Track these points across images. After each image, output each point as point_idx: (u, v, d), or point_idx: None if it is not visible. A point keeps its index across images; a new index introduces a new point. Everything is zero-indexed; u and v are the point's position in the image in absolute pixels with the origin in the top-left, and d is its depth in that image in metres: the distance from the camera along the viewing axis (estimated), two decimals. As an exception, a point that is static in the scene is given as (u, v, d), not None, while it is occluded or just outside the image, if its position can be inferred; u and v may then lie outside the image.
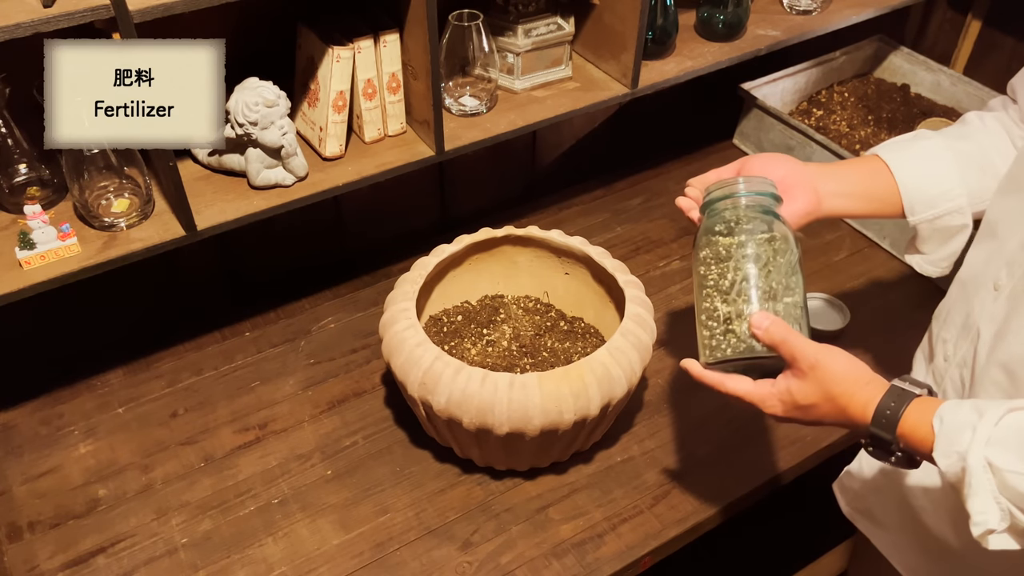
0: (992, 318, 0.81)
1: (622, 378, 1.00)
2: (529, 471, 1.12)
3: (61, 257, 0.99)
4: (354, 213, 1.43)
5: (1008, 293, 0.79)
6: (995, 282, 0.82)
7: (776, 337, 0.78)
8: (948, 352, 0.88)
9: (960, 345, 0.86)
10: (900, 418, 0.72)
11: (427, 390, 0.98)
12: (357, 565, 1.02)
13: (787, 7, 1.49)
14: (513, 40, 1.24)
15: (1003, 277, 0.81)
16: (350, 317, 1.35)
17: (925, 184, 0.90)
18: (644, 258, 1.47)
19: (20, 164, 1.06)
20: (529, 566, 1.02)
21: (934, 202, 0.90)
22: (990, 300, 0.82)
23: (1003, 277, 0.81)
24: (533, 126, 1.23)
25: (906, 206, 0.91)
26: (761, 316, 0.79)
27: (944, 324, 0.90)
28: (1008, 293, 0.79)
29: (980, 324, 0.82)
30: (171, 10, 0.86)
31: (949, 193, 0.90)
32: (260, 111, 1.03)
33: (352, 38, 1.09)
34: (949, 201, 0.90)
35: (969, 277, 0.87)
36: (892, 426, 0.73)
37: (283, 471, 1.13)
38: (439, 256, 1.14)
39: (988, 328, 0.81)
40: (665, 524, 1.07)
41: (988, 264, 0.84)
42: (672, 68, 1.34)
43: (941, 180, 0.90)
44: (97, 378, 1.25)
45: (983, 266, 0.85)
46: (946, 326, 0.90)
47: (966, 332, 0.85)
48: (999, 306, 0.80)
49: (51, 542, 1.05)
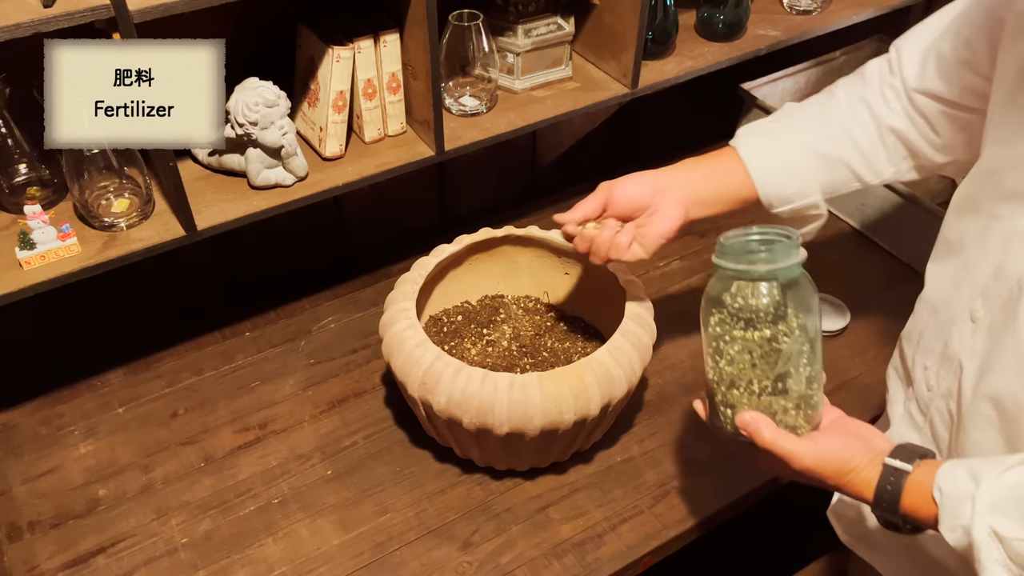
0: (973, 352, 0.79)
1: (622, 378, 1.00)
2: (529, 471, 1.12)
3: (61, 257, 0.99)
4: (354, 213, 1.43)
5: (987, 327, 0.78)
6: (971, 313, 0.80)
7: (760, 442, 0.76)
8: (931, 382, 0.86)
9: (942, 376, 0.84)
10: (900, 498, 0.72)
11: (427, 390, 0.98)
12: (357, 565, 1.02)
13: (787, 7, 1.49)
14: (513, 40, 1.24)
15: (979, 308, 0.79)
16: (350, 317, 1.35)
17: (781, 184, 0.95)
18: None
19: (20, 164, 1.06)
20: (529, 566, 1.02)
21: (790, 199, 0.96)
22: (968, 332, 0.80)
23: (979, 308, 0.79)
24: (533, 126, 1.23)
25: (764, 202, 0.97)
26: (745, 420, 0.77)
27: (919, 349, 0.88)
28: (987, 327, 0.78)
29: (962, 357, 0.81)
30: (171, 10, 0.86)
31: (804, 191, 0.96)
32: (260, 111, 1.03)
33: (352, 38, 1.09)
34: (805, 198, 0.96)
35: (940, 303, 0.85)
36: (894, 507, 0.72)
37: (283, 471, 1.13)
38: (439, 256, 1.14)
39: (971, 362, 0.79)
40: (665, 524, 1.07)
41: (959, 290, 0.82)
42: (672, 68, 1.34)
43: (796, 180, 0.95)
44: (97, 378, 1.25)
45: (953, 291, 0.83)
46: (922, 352, 0.88)
47: (947, 363, 0.83)
48: (979, 340, 0.79)
49: (51, 542, 1.05)
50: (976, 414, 0.79)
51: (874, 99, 0.94)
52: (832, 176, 0.95)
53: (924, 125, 0.93)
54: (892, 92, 0.94)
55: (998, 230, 0.77)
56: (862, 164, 0.96)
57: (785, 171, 0.95)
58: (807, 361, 0.76)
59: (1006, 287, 0.75)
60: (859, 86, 0.96)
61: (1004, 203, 0.77)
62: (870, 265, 1.46)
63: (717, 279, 0.77)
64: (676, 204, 0.95)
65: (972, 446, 0.80)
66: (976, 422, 0.79)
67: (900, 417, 0.92)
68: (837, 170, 0.95)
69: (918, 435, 0.88)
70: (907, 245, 1.45)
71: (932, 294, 0.88)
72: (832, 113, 0.96)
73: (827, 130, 0.95)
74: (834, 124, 0.95)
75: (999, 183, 0.78)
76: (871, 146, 0.95)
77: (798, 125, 0.96)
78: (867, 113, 0.95)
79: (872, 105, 0.94)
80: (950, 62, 0.88)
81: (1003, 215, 0.77)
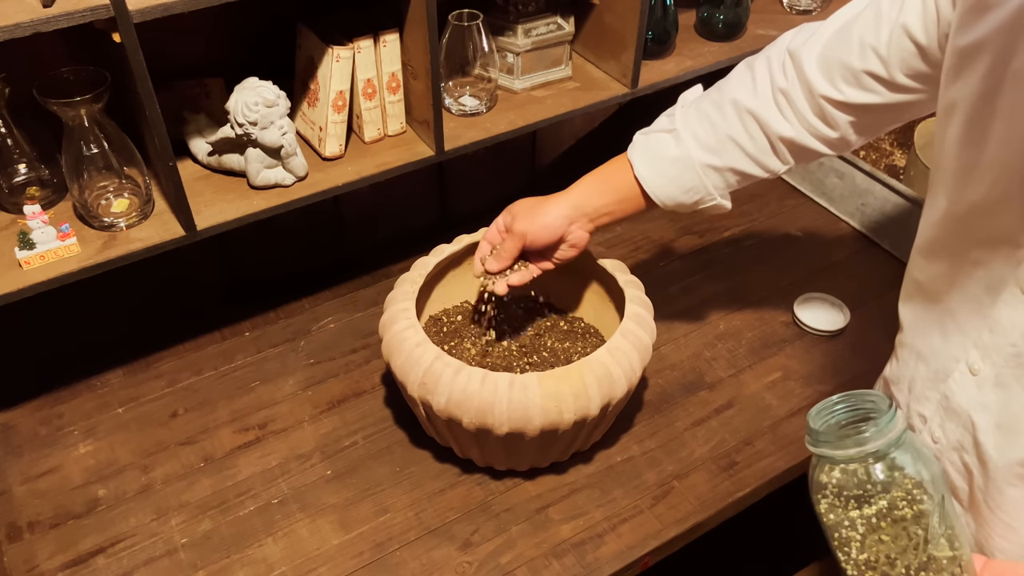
0: (984, 407, 0.77)
1: (622, 378, 1.00)
2: (529, 471, 1.12)
3: (61, 257, 0.99)
4: (354, 213, 1.43)
5: (993, 381, 0.76)
6: (968, 365, 0.78)
7: None
8: (936, 434, 0.84)
9: (950, 429, 0.82)
10: None
11: (427, 390, 0.98)
12: (357, 565, 1.02)
13: (787, 7, 1.49)
14: (513, 40, 1.24)
15: (977, 361, 0.77)
16: (350, 317, 1.35)
17: (676, 194, 0.98)
18: (644, 258, 1.47)
19: (20, 164, 1.06)
20: (529, 566, 1.02)
21: (687, 205, 1.00)
22: (971, 386, 0.78)
23: (977, 361, 0.77)
24: (533, 126, 1.23)
25: (661, 207, 1.00)
26: None
27: (913, 397, 0.86)
28: (993, 381, 0.76)
29: (971, 413, 0.79)
30: (171, 10, 0.86)
31: (701, 200, 0.99)
32: (260, 111, 1.03)
33: (352, 38, 1.09)
34: (703, 204, 0.99)
35: (928, 352, 0.83)
36: None
37: (283, 471, 1.13)
38: (439, 256, 1.14)
39: (984, 418, 0.77)
40: (665, 524, 1.07)
41: (948, 340, 0.80)
42: (672, 68, 1.34)
43: (690, 191, 0.98)
44: (97, 378, 1.25)
45: (941, 340, 0.81)
46: (917, 400, 0.86)
47: (953, 416, 0.81)
48: (988, 395, 0.77)
49: (51, 542, 1.05)
50: (1009, 474, 0.77)
51: (764, 110, 0.92)
52: (725, 180, 0.97)
53: (823, 126, 0.91)
54: (785, 99, 0.91)
55: (978, 276, 0.75)
56: (754, 167, 0.96)
57: (677, 183, 0.97)
58: (939, 520, 0.66)
59: (1007, 341, 0.73)
60: (749, 96, 0.93)
61: (978, 248, 0.74)
62: (870, 265, 1.46)
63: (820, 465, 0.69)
64: (585, 221, 1.03)
65: (1009, 502, 0.78)
66: (1010, 480, 0.77)
67: None
68: (729, 175, 0.97)
69: None
70: (907, 245, 1.43)
71: (914, 339, 0.86)
72: (720, 127, 0.95)
73: (716, 143, 0.95)
74: (722, 137, 0.94)
75: (970, 227, 0.75)
76: (762, 152, 0.94)
77: (687, 139, 0.96)
78: (755, 125, 0.93)
79: (761, 116, 0.92)
80: (857, 72, 0.85)
81: (980, 260, 0.74)
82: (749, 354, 1.29)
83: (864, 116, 0.88)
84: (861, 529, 0.66)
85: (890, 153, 1.65)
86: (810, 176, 1.58)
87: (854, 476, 0.66)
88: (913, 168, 1.49)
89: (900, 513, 0.65)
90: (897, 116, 0.89)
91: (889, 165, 1.61)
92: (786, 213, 1.56)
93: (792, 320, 1.35)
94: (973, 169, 0.72)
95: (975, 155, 0.71)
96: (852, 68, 0.85)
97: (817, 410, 0.68)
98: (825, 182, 1.53)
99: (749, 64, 0.96)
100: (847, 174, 1.51)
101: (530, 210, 1.04)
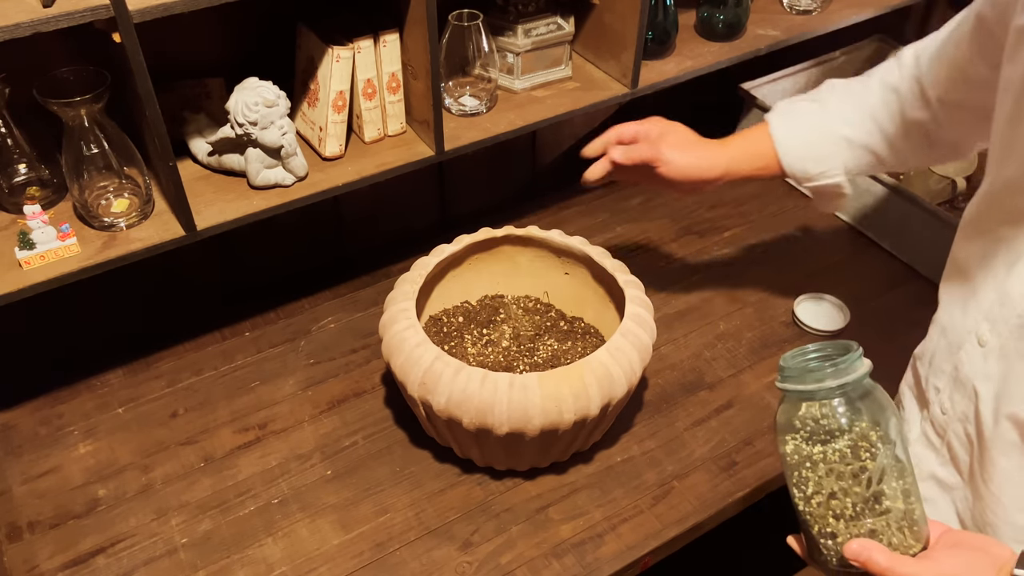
0: (987, 376, 0.79)
1: (622, 378, 1.00)
2: (529, 471, 1.12)
3: (61, 257, 0.99)
4: (354, 213, 1.43)
5: (998, 352, 0.77)
6: (978, 336, 0.79)
7: (879, 570, 0.68)
8: (944, 404, 0.85)
9: (957, 399, 0.83)
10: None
11: (427, 390, 0.98)
12: (357, 565, 1.02)
13: (787, 7, 1.49)
14: (513, 40, 1.24)
15: (986, 332, 0.78)
16: (350, 317, 1.35)
17: (806, 163, 1.03)
18: (644, 258, 1.47)
19: (20, 164, 1.06)
20: (529, 566, 1.02)
21: (814, 178, 1.04)
22: (979, 357, 0.80)
23: (986, 332, 0.78)
24: (533, 126, 1.23)
25: (789, 177, 1.06)
26: (855, 550, 0.69)
27: (931, 370, 0.88)
28: (998, 352, 0.77)
29: (975, 382, 0.80)
30: (171, 10, 0.86)
31: (828, 172, 1.03)
32: (260, 111, 1.03)
33: (352, 38, 1.09)
34: (828, 178, 1.03)
35: (949, 324, 0.85)
36: None
37: (283, 471, 1.13)
38: (439, 256, 1.14)
39: (986, 387, 0.79)
40: (665, 524, 1.07)
41: (966, 313, 0.82)
42: (672, 68, 1.34)
43: (821, 162, 1.02)
44: (97, 378, 1.25)
45: (961, 314, 0.83)
46: (934, 373, 0.87)
47: (960, 387, 0.83)
48: (992, 365, 0.78)
49: (51, 542, 1.05)
50: (999, 440, 0.78)
51: (905, 90, 0.97)
52: (857, 160, 1.00)
53: (946, 122, 0.96)
54: (918, 86, 0.97)
55: (1001, 253, 0.77)
56: (888, 152, 1.00)
57: (811, 152, 1.00)
58: (899, 474, 0.71)
59: (1015, 312, 0.75)
60: (894, 74, 0.99)
61: (1006, 225, 0.76)
62: (870, 265, 1.46)
63: (785, 404, 0.74)
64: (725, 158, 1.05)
65: (999, 473, 0.79)
66: (1001, 447, 0.78)
67: (917, 438, 0.91)
68: (862, 155, 1.00)
69: (936, 456, 0.88)
70: (907, 245, 1.44)
71: (941, 315, 0.88)
72: (864, 101, 1.00)
73: (857, 117, 0.99)
74: (864, 112, 0.99)
75: (1002, 204, 0.77)
76: (897, 137, 0.99)
77: (830, 109, 1.01)
78: (896, 103, 0.98)
79: (901, 95, 0.98)
80: (962, 71, 0.90)
81: (1006, 237, 0.76)
82: (749, 354, 1.29)
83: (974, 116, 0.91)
84: (821, 470, 0.70)
85: (890, 153, 1.66)
86: (810, 176, 1.58)
87: (816, 417, 0.70)
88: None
89: (854, 455, 0.69)
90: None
91: (889, 165, 1.62)
92: (786, 213, 1.56)
93: (792, 320, 1.35)
94: (1012, 146, 0.74)
95: (1017, 133, 0.73)
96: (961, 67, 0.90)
97: (791, 353, 0.73)
98: (825, 182, 1.53)
99: (897, 54, 1.01)
100: (847, 174, 1.51)
101: (685, 144, 1.07)
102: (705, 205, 1.58)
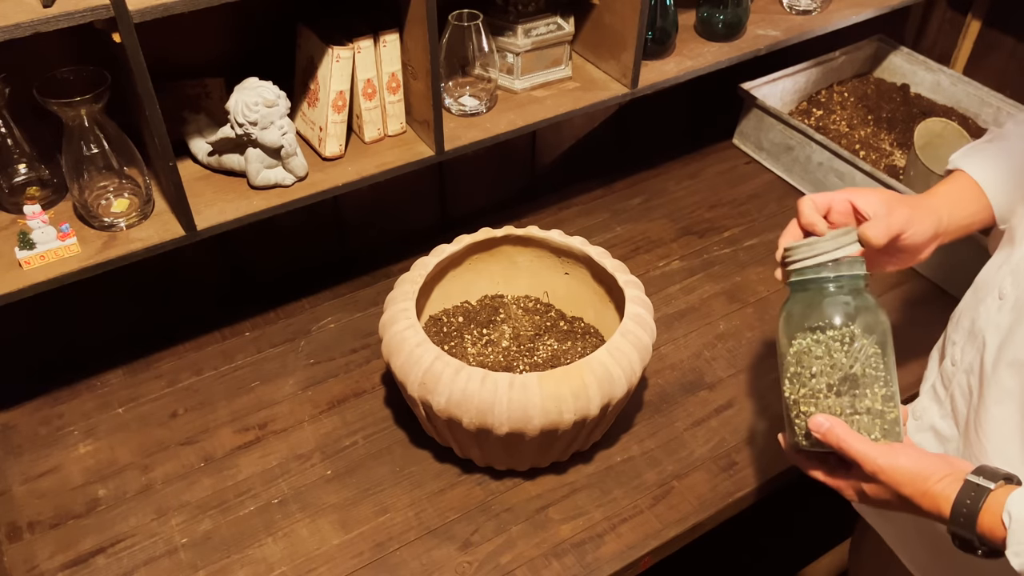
0: (997, 327, 0.80)
1: (622, 378, 1.00)
2: (529, 471, 1.12)
3: (61, 257, 0.99)
4: (354, 213, 1.43)
5: (1012, 303, 0.79)
6: (1000, 290, 0.81)
7: (833, 441, 0.75)
8: (956, 356, 0.87)
9: (967, 351, 0.85)
10: (978, 516, 0.69)
11: (427, 390, 0.98)
12: (357, 565, 1.02)
13: (787, 7, 1.49)
14: (513, 40, 1.24)
15: (1007, 286, 0.80)
16: (350, 317, 1.35)
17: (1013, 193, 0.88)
18: (644, 258, 1.47)
19: (20, 164, 1.06)
20: (529, 566, 1.02)
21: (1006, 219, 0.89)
22: (995, 309, 0.81)
23: (1007, 286, 0.80)
24: (533, 126, 1.23)
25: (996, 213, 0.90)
26: (819, 420, 0.76)
27: (955, 326, 0.90)
28: (1012, 303, 0.79)
29: (985, 333, 0.82)
30: (171, 10, 0.86)
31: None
32: (260, 111, 1.03)
33: (352, 38, 1.09)
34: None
35: (981, 282, 0.87)
36: (971, 524, 0.70)
37: (283, 471, 1.13)
38: (439, 256, 1.14)
39: (993, 337, 0.80)
40: (665, 524, 1.07)
41: (998, 271, 0.84)
42: (672, 68, 1.34)
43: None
44: (97, 378, 1.25)
45: (994, 272, 0.84)
46: (955, 328, 0.89)
47: (972, 339, 0.84)
48: (1004, 316, 0.80)
49: (51, 542, 1.05)
50: (996, 386, 0.79)
51: None
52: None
53: None
54: None
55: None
56: None
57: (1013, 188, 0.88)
58: (883, 383, 0.77)
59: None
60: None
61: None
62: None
63: (791, 297, 0.82)
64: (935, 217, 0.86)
65: (991, 421, 0.80)
66: (996, 395, 0.79)
67: (926, 391, 0.93)
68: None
69: (939, 408, 0.90)
70: (907, 245, 1.44)
71: (980, 275, 0.88)
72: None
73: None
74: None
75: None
76: None
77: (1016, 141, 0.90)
78: None
79: None
80: None
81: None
82: (749, 354, 1.29)
83: None
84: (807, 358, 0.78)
85: (890, 153, 1.65)
86: (810, 176, 1.58)
87: (814, 309, 0.78)
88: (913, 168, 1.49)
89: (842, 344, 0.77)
90: None
91: (889, 165, 1.61)
92: (786, 213, 1.56)
93: (792, 320, 1.35)
94: None
95: None
96: None
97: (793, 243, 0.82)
98: (825, 182, 1.53)
99: None
100: (847, 174, 1.51)
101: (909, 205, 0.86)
102: (705, 205, 1.58)
